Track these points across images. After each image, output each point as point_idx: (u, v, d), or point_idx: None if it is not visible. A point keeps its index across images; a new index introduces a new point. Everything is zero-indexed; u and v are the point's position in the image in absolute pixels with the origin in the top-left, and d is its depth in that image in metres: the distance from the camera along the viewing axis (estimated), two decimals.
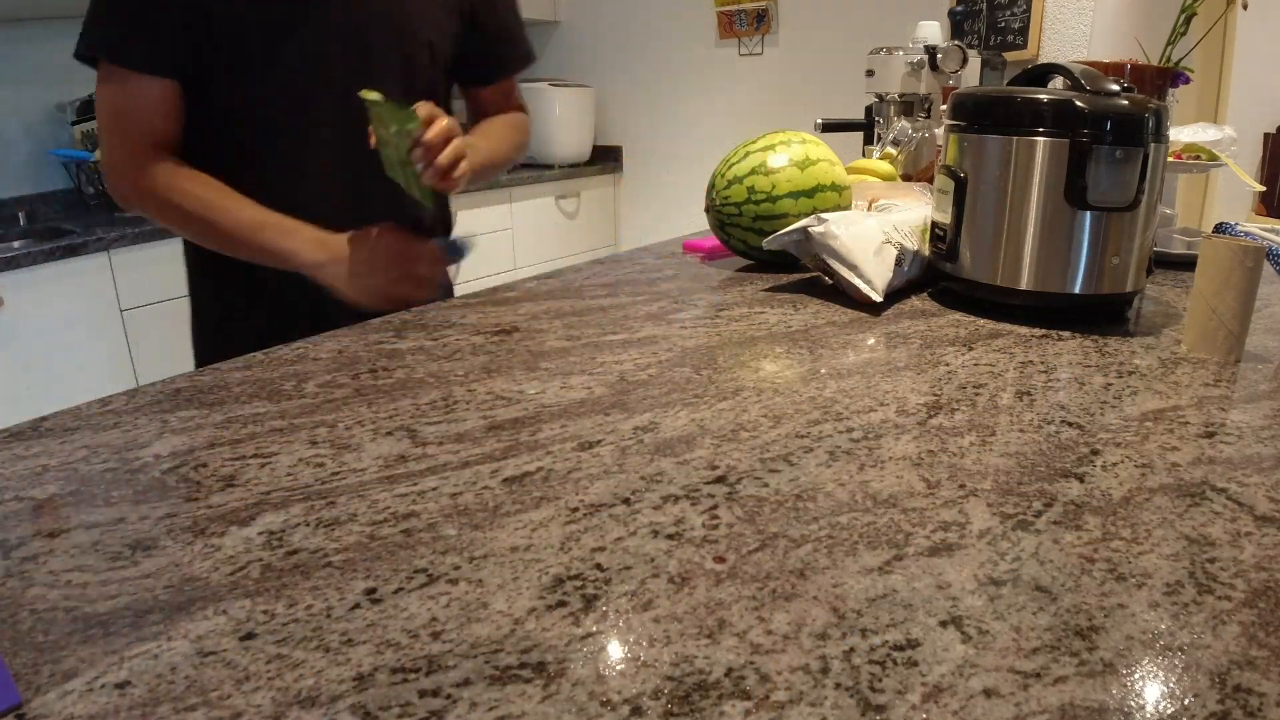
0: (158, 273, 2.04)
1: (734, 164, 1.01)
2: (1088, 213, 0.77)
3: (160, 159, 0.90)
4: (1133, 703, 0.30)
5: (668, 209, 3.37)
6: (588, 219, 3.38)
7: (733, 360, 0.69)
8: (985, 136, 0.81)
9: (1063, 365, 0.69)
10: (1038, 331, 0.78)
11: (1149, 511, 0.45)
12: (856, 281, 0.85)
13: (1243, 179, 1.10)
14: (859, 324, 0.80)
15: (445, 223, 1.15)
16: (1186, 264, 1.05)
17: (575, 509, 0.45)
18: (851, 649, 0.33)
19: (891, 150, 1.34)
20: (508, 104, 1.19)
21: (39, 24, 2.27)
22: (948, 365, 0.68)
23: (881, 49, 1.40)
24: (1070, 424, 0.56)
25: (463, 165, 0.90)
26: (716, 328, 0.79)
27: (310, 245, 0.91)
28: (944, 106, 1.00)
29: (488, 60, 1.14)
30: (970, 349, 0.72)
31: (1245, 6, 1.91)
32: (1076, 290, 0.79)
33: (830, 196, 0.99)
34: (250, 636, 0.35)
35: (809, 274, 1.00)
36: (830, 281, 0.92)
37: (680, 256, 1.14)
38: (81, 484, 0.49)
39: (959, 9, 1.95)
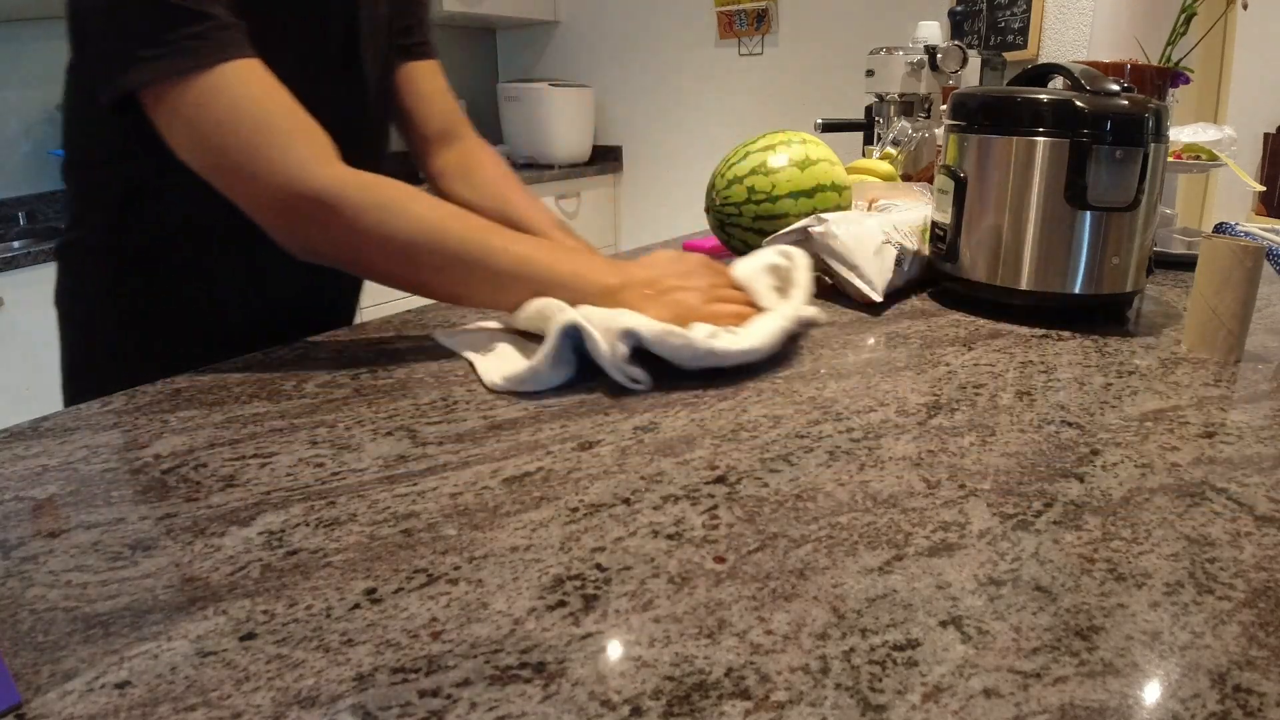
0: None
1: (734, 164, 1.01)
2: (1088, 213, 0.77)
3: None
4: (1133, 703, 0.30)
5: (668, 209, 3.37)
6: (588, 219, 3.38)
7: None
8: (985, 136, 0.81)
9: (1063, 365, 0.69)
10: (1038, 331, 0.78)
11: (1149, 511, 0.45)
12: (856, 281, 0.85)
13: (1243, 179, 1.10)
14: (859, 324, 0.80)
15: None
16: (1186, 264, 1.05)
17: (575, 509, 0.45)
18: (851, 649, 0.33)
19: (891, 150, 1.34)
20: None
21: (39, 24, 2.27)
22: (948, 365, 0.68)
23: (881, 49, 1.40)
24: (1070, 424, 0.56)
25: None
26: None
27: (605, 267, 0.72)
28: (944, 106, 1.00)
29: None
30: (970, 349, 0.72)
31: (1245, 6, 1.92)
32: (1076, 290, 0.79)
33: (830, 196, 0.99)
34: (250, 636, 0.35)
35: None
36: (830, 281, 0.92)
37: None
38: (81, 484, 0.49)
39: (959, 9, 1.95)
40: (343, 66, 0.83)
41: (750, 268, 0.78)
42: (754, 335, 0.67)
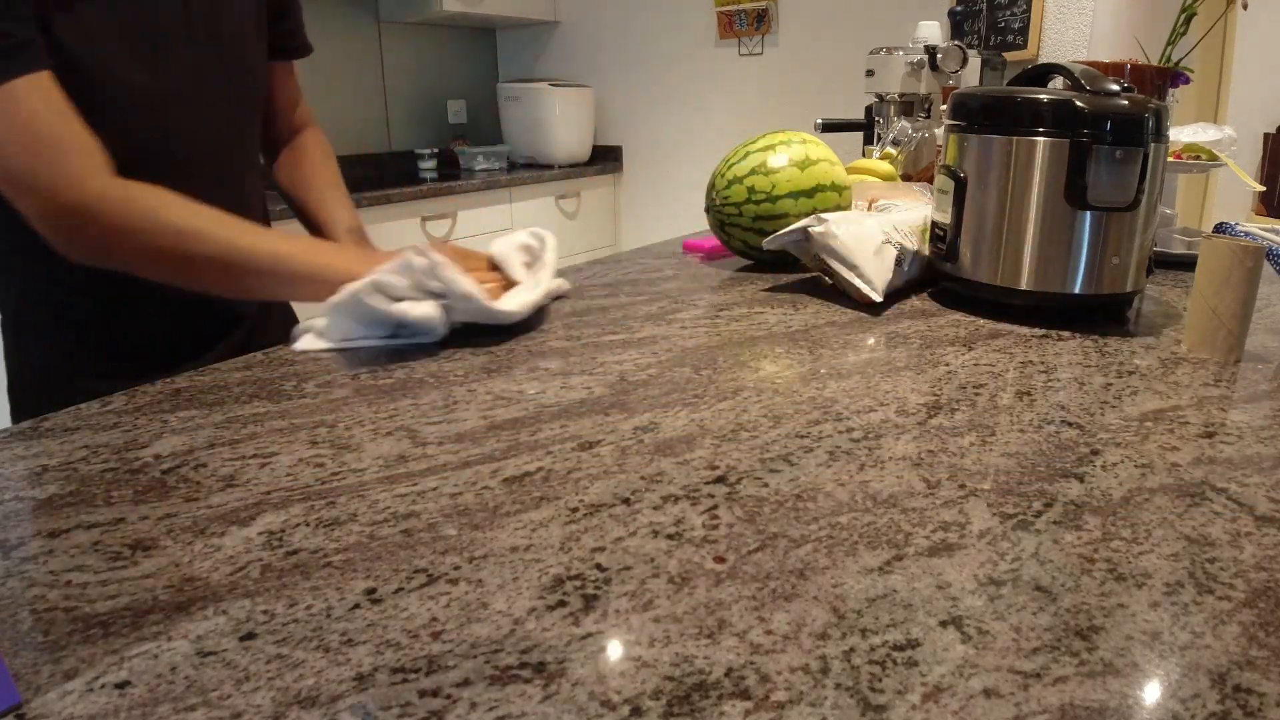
0: None
1: (734, 164, 1.01)
2: (1088, 213, 0.77)
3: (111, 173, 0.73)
4: (1133, 703, 0.30)
5: (668, 209, 3.37)
6: (588, 219, 3.38)
7: (733, 360, 0.69)
8: (985, 136, 0.81)
9: (1063, 365, 0.69)
10: (1038, 331, 0.78)
11: (1149, 511, 0.45)
12: (856, 281, 0.85)
13: (1243, 179, 1.09)
14: (859, 324, 0.80)
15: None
16: (1186, 264, 1.05)
17: (575, 509, 0.45)
18: (851, 649, 0.33)
19: (891, 150, 1.34)
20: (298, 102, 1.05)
21: None
22: (948, 365, 0.68)
23: (881, 49, 1.40)
24: (1070, 424, 0.56)
25: None
26: (716, 328, 0.79)
27: (355, 257, 0.78)
28: (944, 106, 1.00)
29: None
30: (970, 349, 0.72)
31: (1245, 6, 1.92)
32: (1076, 290, 0.79)
33: (830, 196, 0.99)
34: (250, 636, 0.35)
35: (809, 274, 1.00)
36: (830, 281, 0.92)
37: (680, 257, 1.14)
38: (81, 484, 0.49)
39: (959, 9, 1.95)
40: (219, 65, 0.85)
41: (505, 247, 0.88)
42: (518, 302, 0.78)
